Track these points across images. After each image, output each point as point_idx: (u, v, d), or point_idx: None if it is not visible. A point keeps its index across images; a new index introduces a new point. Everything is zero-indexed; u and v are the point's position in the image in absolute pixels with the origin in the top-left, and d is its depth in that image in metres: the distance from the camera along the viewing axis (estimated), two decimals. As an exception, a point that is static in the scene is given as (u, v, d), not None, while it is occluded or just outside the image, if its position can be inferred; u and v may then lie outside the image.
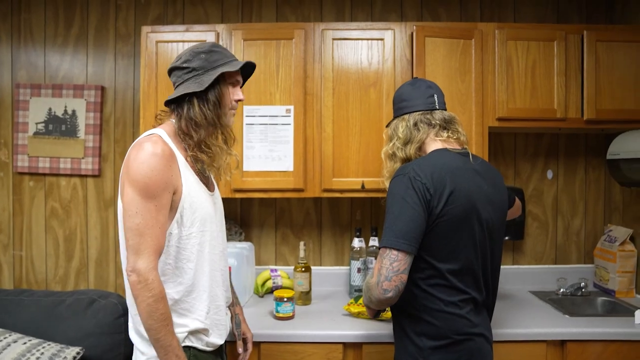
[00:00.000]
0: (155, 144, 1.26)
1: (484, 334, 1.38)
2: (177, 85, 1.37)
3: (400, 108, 1.54)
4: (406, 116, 1.51)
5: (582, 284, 2.25)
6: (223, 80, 1.37)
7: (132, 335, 1.35)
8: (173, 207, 1.29)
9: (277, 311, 1.92)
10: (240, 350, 1.57)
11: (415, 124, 1.48)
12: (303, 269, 2.12)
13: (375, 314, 1.60)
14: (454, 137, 1.48)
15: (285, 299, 1.91)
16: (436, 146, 1.46)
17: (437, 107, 1.50)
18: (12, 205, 2.51)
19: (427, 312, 1.35)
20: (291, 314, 1.93)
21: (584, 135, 2.47)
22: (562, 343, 1.80)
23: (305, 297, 2.13)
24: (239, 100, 1.42)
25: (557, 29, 2.10)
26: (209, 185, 1.43)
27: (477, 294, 1.38)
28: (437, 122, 1.48)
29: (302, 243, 2.19)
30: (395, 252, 1.29)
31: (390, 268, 1.28)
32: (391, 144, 1.53)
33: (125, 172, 1.27)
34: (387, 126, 1.63)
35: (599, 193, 2.48)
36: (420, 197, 1.31)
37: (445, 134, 1.47)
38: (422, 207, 1.31)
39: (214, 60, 1.35)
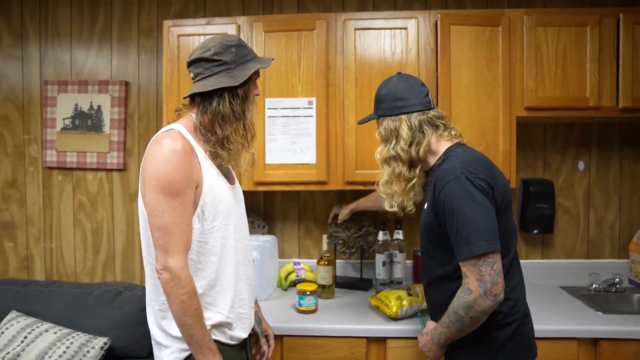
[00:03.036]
0: (174, 140, 1.24)
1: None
2: (205, 77, 1.31)
3: (395, 107, 1.49)
4: (404, 117, 1.47)
5: (617, 280, 2.16)
6: (251, 76, 1.36)
7: (154, 329, 1.35)
8: (194, 202, 1.27)
9: (300, 304, 1.91)
10: (265, 347, 1.57)
11: (420, 126, 1.46)
12: (326, 263, 2.11)
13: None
14: (456, 135, 1.49)
15: (308, 293, 1.90)
16: (445, 144, 1.47)
17: (432, 106, 1.51)
18: (42, 199, 2.57)
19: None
20: (314, 308, 1.92)
21: (619, 125, 2.36)
22: (595, 341, 1.73)
23: (329, 291, 2.11)
24: (257, 95, 1.43)
25: (590, 13, 2.01)
26: (229, 178, 1.42)
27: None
28: (440, 122, 1.48)
29: (325, 236, 2.17)
30: (491, 256, 1.27)
31: (492, 272, 1.26)
32: (391, 145, 1.47)
33: (145, 170, 1.25)
34: (359, 123, 1.69)
35: (635, 185, 2.37)
36: (486, 194, 1.31)
37: (452, 133, 1.48)
38: (490, 203, 1.32)
39: (243, 54, 1.34)
